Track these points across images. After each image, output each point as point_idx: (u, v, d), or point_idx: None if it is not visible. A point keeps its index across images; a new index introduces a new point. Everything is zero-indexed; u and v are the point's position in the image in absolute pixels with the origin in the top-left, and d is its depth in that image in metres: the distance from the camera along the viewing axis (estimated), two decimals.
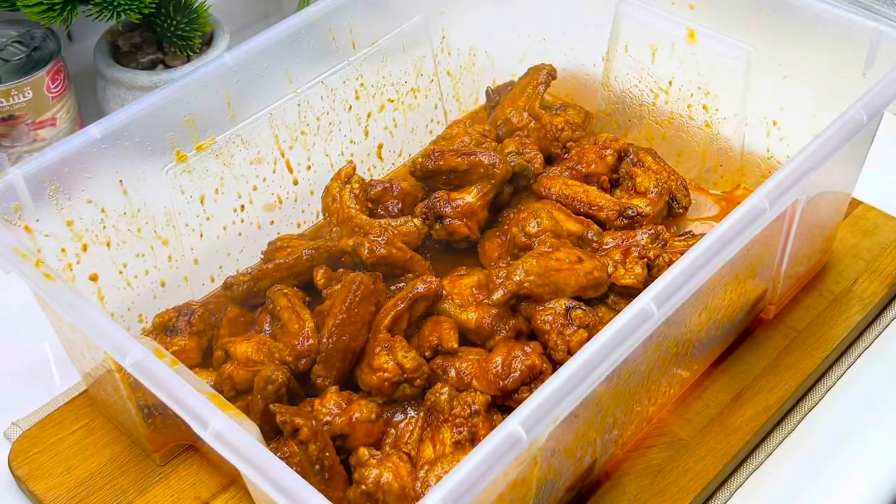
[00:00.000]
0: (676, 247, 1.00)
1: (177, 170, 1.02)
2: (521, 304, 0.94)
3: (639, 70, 1.18)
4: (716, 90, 1.13)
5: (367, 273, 0.96)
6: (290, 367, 0.90)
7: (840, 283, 1.07)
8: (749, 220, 0.82)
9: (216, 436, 0.70)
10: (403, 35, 1.18)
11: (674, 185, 1.11)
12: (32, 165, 0.90)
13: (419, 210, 1.05)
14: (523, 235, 0.99)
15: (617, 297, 0.97)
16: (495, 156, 1.04)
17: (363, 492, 0.82)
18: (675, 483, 0.90)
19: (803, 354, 1.00)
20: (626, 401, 0.87)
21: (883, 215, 1.14)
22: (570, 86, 1.28)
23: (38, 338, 1.03)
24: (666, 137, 1.19)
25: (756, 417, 0.95)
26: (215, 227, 1.07)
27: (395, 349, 0.90)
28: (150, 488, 0.92)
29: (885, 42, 0.98)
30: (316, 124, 1.13)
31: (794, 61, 1.07)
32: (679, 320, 0.87)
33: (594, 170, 1.11)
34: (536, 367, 0.89)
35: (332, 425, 0.86)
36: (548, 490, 0.82)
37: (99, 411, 0.98)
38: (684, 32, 1.12)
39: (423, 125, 1.25)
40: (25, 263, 0.82)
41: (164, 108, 0.98)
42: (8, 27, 1.21)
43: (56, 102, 1.19)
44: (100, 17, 1.14)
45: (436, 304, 0.96)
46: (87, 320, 0.78)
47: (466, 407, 0.86)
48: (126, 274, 1.00)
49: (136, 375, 0.75)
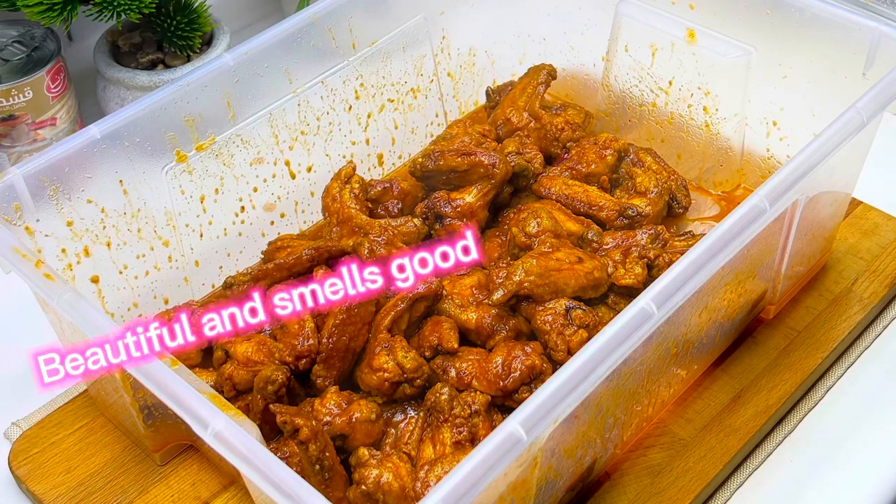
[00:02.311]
0: (676, 247, 1.00)
1: (177, 170, 1.02)
2: (521, 304, 0.94)
3: (639, 70, 1.18)
4: (716, 90, 1.13)
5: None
6: (290, 367, 0.90)
7: (840, 283, 1.07)
8: (749, 220, 0.82)
9: (216, 436, 0.70)
10: (403, 35, 1.18)
11: (674, 185, 1.11)
12: (32, 165, 0.90)
13: (419, 210, 1.05)
14: (523, 235, 0.99)
15: (617, 297, 0.97)
16: (495, 156, 1.05)
17: (363, 492, 0.82)
18: (675, 483, 0.90)
19: (803, 354, 1.00)
20: (626, 401, 0.87)
21: (883, 215, 1.14)
22: (570, 86, 1.28)
23: (39, 338, 1.03)
24: (666, 137, 1.19)
25: (756, 417, 0.95)
26: (215, 227, 1.07)
27: (395, 349, 0.90)
28: (150, 488, 0.92)
29: (885, 42, 0.98)
30: (316, 124, 1.13)
31: (794, 61, 1.07)
32: (679, 320, 0.87)
33: (594, 170, 1.11)
34: (536, 368, 0.89)
35: (332, 425, 0.86)
36: (548, 490, 0.82)
37: (99, 411, 0.98)
38: (684, 32, 1.12)
39: (423, 125, 1.25)
40: (25, 263, 0.82)
41: (164, 108, 0.98)
42: (8, 27, 1.21)
43: (56, 102, 1.19)
44: (100, 17, 1.14)
45: (436, 304, 0.96)
46: (87, 320, 0.78)
47: (466, 407, 0.86)
48: (126, 274, 1.00)
49: (136, 375, 0.75)
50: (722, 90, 1.12)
